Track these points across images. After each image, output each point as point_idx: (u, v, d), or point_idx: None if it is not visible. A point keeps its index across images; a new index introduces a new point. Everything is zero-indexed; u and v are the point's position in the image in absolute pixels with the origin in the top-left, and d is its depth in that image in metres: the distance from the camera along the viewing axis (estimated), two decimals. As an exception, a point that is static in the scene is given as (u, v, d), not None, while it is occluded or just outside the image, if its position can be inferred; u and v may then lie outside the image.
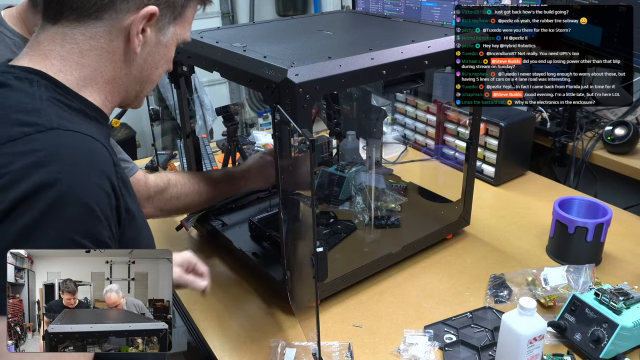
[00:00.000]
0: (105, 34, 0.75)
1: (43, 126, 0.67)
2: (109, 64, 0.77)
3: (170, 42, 0.82)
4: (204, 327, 1.19)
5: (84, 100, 0.76)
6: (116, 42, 0.76)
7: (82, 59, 0.75)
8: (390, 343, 1.11)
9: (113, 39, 0.76)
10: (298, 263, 1.11)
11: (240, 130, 2.74)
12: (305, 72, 0.98)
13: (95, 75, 0.77)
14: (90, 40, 0.75)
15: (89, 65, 0.76)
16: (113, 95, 0.80)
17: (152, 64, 0.82)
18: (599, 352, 1.02)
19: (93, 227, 0.66)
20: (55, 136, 0.67)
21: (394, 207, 1.51)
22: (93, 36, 0.75)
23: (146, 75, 0.82)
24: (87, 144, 0.69)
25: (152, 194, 1.20)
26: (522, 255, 1.39)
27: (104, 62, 0.77)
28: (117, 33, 0.76)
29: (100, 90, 0.78)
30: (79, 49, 0.75)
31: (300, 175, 1.04)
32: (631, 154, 1.73)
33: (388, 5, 2.26)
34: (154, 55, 0.81)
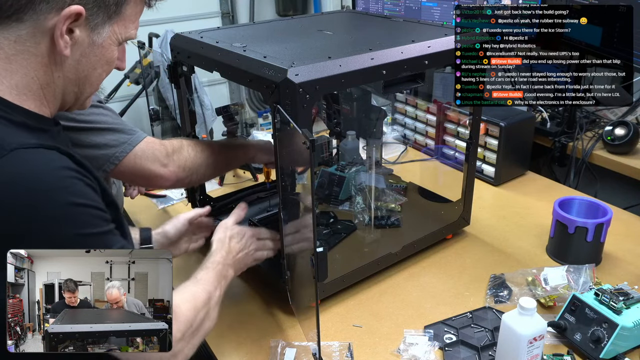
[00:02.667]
0: (29, 36, 0.72)
1: (3, 149, 0.66)
2: (39, 68, 0.74)
3: (107, 42, 0.78)
4: (204, 327, 1.18)
5: (24, 111, 0.73)
6: (42, 44, 0.73)
7: (9, 64, 0.72)
8: (390, 343, 1.11)
9: (39, 41, 0.72)
10: (298, 263, 1.11)
11: (240, 130, 2.73)
12: (305, 72, 0.98)
13: (28, 82, 0.74)
14: (16, 45, 0.72)
15: (18, 71, 0.73)
16: (49, 100, 0.77)
17: (88, 65, 0.78)
18: (599, 352, 1.02)
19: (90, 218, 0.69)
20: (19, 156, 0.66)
21: (394, 207, 1.51)
22: (17, 40, 0.71)
23: (83, 76, 0.79)
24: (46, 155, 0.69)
25: (171, 152, 1.20)
26: (522, 255, 1.39)
27: (34, 67, 0.73)
28: (41, 35, 0.72)
29: (36, 97, 0.75)
30: (4, 54, 0.72)
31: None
32: (631, 154, 1.73)
33: (388, 5, 2.26)
34: (89, 56, 0.77)
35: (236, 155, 1.38)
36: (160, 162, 1.17)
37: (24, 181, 0.65)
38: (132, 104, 3.15)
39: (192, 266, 1.39)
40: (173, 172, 1.20)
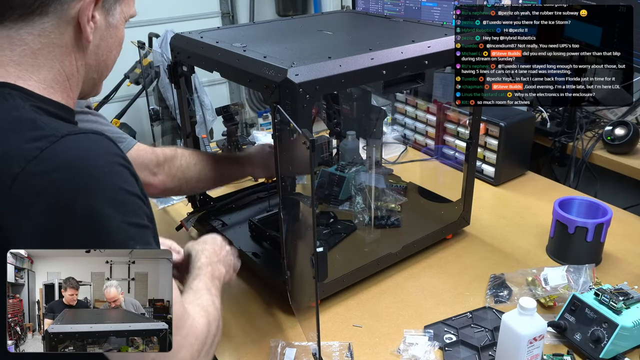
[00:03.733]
0: (54, 28, 0.72)
1: (54, 136, 0.66)
2: (64, 59, 0.74)
3: (119, 22, 0.80)
4: (204, 327, 1.18)
5: (54, 103, 0.74)
6: (67, 34, 0.73)
7: (35, 59, 0.72)
8: (390, 343, 1.11)
9: (63, 32, 0.73)
10: (298, 263, 1.11)
11: (240, 130, 2.74)
12: (305, 72, 0.98)
13: (54, 74, 0.74)
14: (40, 38, 0.72)
15: (45, 64, 0.73)
16: (74, 90, 0.78)
17: (106, 48, 0.79)
18: (599, 352, 1.02)
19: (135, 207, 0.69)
20: (72, 142, 0.67)
21: (394, 207, 1.51)
22: (42, 33, 0.72)
23: (102, 61, 0.80)
24: (98, 141, 0.70)
25: (162, 161, 1.20)
26: (522, 255, 1.39)
27: (60, 58, 0.74)
28: (65, 25, 0.72)
29: (63, 89, 0.76)
30: (30, 50, 0.72)
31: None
32: (631, 154, 1.73)
33: (388, 5, 2.26)
34: (107, 39, 0.79)
35: (230, 172, 1.37)
36: (150, 171, 1.17)
37: (77, 164, 0.65)
38: (132, 104, 3.15)
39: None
40: (162, 181, 1.20)
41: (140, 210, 0.70)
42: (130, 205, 0.68)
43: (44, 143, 0.65)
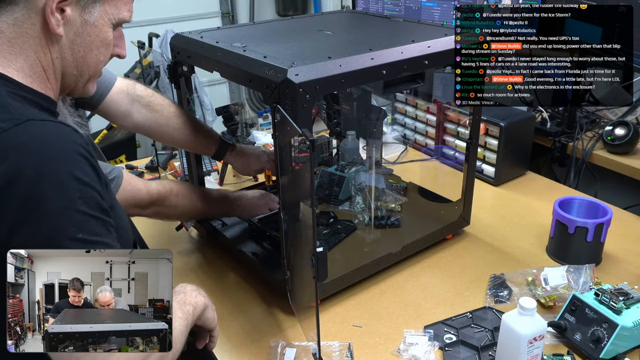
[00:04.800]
0: (25, 18, 0.74)
1: (19, 119, 0.68)
2: (39, 49, 0.76)
3: (99, 21, 0.80)
4: (204, 327, 1.18)
5: (34, 92, 0.76)
6: (37, 25, 0.74)
7: (12, 48, 0.74)
8: (390, 343, 1.11)
9: (34, 22, 0.74)
10: (298, 263, 1.11)
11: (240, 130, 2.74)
12: (305, 72, 0.98)
13: (31, 64, 0.76)
14: (15, 28, 0.74)
15: (21, 53, 0.75)
16: (52, 81, 0.79)
17: (83, 45, 0.80)
18: (599, 352, 1.02)
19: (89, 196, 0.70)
20: (33, 126, 0.69)
21: (394, 207, 1.51)
22: (15, 22, 0.74)
23: (80, 57, 0.80)
24: (61, 129, 0.72)
25: (155, 200, 1.23)
26: (522, 255, 1.39)
27: (34, 48, 0.76)
28: (35, 15, 0.74)
29: (41, 79, 0.77)
30: (6, 38, 0.74)
31: (300, 176, 1.05)
32: (631, 154, 1.73)
33: (388, 5, 2.26)
34: (83, 36, 0.79)
35: (220, 212, 1.44)
36: (140, 207, 1.21)
37: (33, 147, 0.67)
38: (132, 104, 3.14)
39: (193, 267, 1.40)
40: (149, 215, 1.25)
41: (92, 200, 0.70)
42: (79, 193, 0.69)
43: (7, 124, 0.67)
